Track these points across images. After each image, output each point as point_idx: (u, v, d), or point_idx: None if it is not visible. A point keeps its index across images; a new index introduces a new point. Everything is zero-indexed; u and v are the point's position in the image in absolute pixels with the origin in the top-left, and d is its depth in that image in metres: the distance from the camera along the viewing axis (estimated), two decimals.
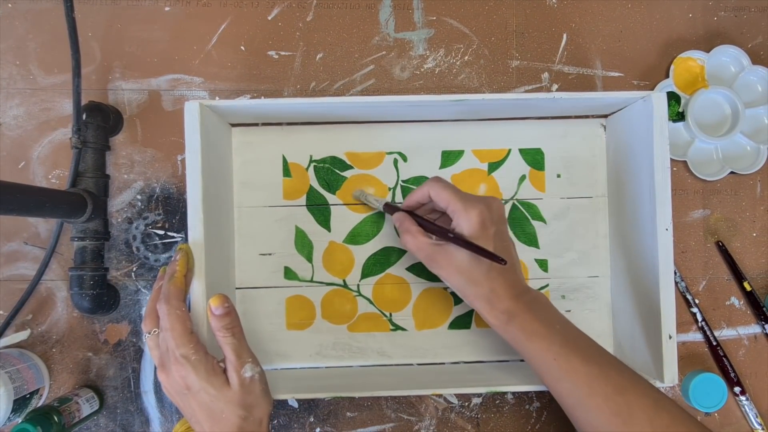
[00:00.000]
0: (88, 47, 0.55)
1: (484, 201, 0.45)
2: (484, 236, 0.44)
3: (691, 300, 0.56)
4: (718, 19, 0.58)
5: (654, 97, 0.47)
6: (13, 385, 0.48)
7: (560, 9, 0.58)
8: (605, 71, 0.57)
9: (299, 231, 0.55)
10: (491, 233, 0.44)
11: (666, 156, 0.47)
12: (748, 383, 0.56)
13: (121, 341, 0.55)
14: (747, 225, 0.57)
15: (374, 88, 0.57)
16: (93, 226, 0.53)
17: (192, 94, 0.56)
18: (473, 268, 0.44)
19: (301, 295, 0.55)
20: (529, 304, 0.44)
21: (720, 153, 0.57)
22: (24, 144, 0.55)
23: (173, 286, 0.43)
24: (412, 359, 0.55)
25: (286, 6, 0.57)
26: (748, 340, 0.57)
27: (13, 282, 0.54)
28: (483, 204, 0.45)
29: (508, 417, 0.56)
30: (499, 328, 0.45)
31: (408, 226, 0.47)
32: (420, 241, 0.46)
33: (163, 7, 0.56)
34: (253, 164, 0.55)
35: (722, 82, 0.57)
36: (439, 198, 0.46)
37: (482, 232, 0.44)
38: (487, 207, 0.45)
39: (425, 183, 0.47)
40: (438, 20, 0.57)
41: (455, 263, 0.44)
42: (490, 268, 0.44)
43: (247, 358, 0.43)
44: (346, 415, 0.55)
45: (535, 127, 0.56)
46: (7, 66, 0.55)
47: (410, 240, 0.46)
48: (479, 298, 0.45)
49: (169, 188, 0.56)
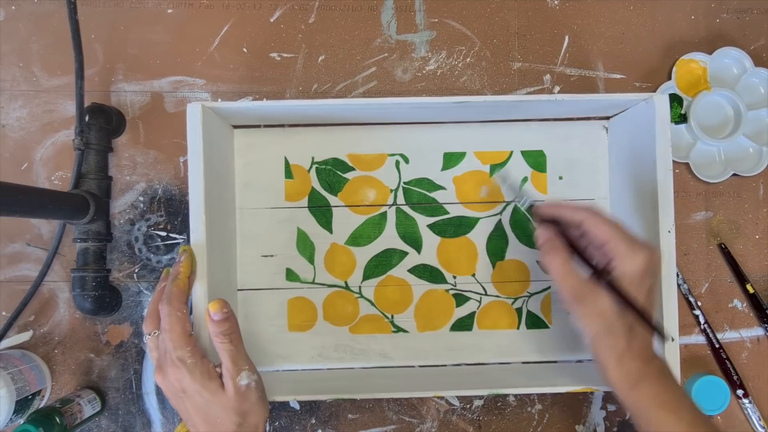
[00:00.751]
0: (91, 49, 0.56)
1: (650, 249, 0.40)
2: (640, 288, 0.40)
3: (694, 302, 0.56)
4: (721, 21, 0.58)
5: (656, 99, 0.47)
6: (15, 386, 0.49)
7: (562, 11, 0.58)
8: (607, 73, 0.57)
9: (301, 232, 0.55)
10: (647, 287, 0.40)
11: (668, 158, 0.47)
12: (751, 386, 0.56)
13: (123, 342, 0.55)
14: (750, 227, 0.57)
15: (376, 90, 0.57)
16: (95, 228, 0.53)
17: (194, 95, 0.56)
18: (617, 317, 0.40)
19: (302, 297, 0.55)
20: (659, 369, 0.41)
21: (722, 155, 0.57)
22: (27, 145, 0.55)
23: (176, 288, 0.43)
24: (414, 361, 0.55)
25: (289, 8, 0.57)
26: (751, 342, 0.57)
27: (15, 283, 0.55)
28: (649, 252, 0.40)
29: (510, 419, 0.56)
30: (623, 389, 0.41)
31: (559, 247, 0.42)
32: (569, 271, 0.41)
33: (166, 9, 0.56)
34: (255, 166, 0.55)
35: (724, 84, 0.57)
36: (598, 231, 0.41)
37: (640, 283, 0.40)
38: (651, 257, 0.40)
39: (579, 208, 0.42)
40: (440, 22, 0.57)
41: (599, 307, 0.40)
42: (635, 323, 0.40)
43: (243, 365, 0.42)
44: (347, 416, 0.55)
45: (537, 129, 0.56)
46: (10, 68, 0.56)
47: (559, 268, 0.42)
48: (610, 351, 0.41)
49: (172, 190, 0.56)
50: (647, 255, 0.40)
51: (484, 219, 0.55)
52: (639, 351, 0.41)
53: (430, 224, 0.55)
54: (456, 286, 0.55)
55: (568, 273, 0.41)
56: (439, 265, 0.55)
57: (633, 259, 0.40)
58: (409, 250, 0.55)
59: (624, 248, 0.40)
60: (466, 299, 0.55)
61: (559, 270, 0.42)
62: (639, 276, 0.40)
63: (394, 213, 0.55)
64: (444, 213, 0.55)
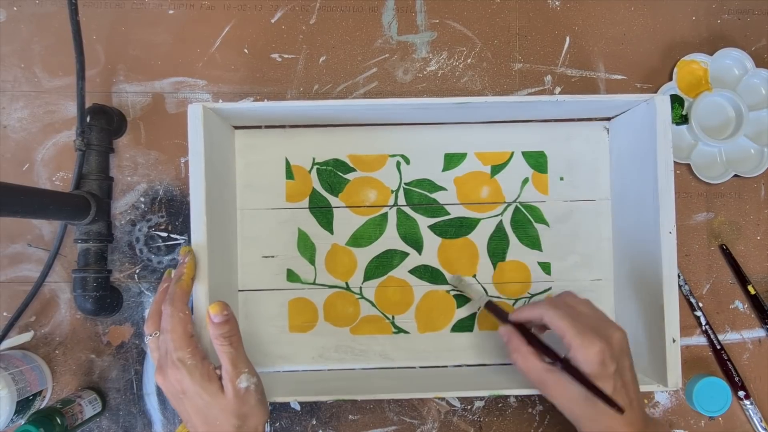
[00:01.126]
0: (92, 50, 0.56)
1: (605, 333, 0.42)
2: (603, 375, 0.41)
3: (695, 303, 0.56)
4: (722, 22, 0.58)
5: (657, 99, 0.47)
6: (16, 387, 0.49)
7: (563, 12, 0.58)
8: (608, 74, 0.57)
9: (302, 233, 0.55)
10: (611, 372, 0.41)
11: (669, 159, 0.47)
12: (753, 387, 0.56)
13: (123, 343, 0.55)
14: (751, 228, 0.57)
15: (377, 91, 0.57)
16: (96, 228, 0.53)
17: (195, 96, 0.56)
18: (590, 402, 0.42)
19: (303, 298, 0.55)
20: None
21: (723, 156, 0.57)
22: (28, 146, 0.55)
23: (179, 289, 0.43)
24: (415, 362, 0.55)
25: (290, 9, 0.57)
26: (753, 343, 0.57)
27: (16, 283, 0.55)
28: (603, 341, 0.42)
29: (511, 420, 0.56)
30: None
31: (517, 345, 0.45)
32: (531, 364, 0.44)
33: (167, 10, 0.56)
34: (255, 166, 0.55)
35: (726, 85, 0.57)
36: (554, 326, 0.43)
37: (601, 371, 0.41)
38: (608, 343, 0.42)
39: (538, 305, 0.45)
40: (441, 23, 0.57)
41: (569, 394, 0.42)
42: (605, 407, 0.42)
43: (243, 368, 0.42)
44: (348, 417, 0.55)
45: (538, 130, 0.56)
46: (12, 69, 0.56)
47: (520, 360, 0.45)
48: None
49: (173, 190, 0.56)
50: (601, 345, 0.41)
51: (485, 220, 0.55)
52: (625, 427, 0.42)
53: (431, 225, 0.55)
54: (457, 287, 0.55)
55: (530, 365, 0.44)
56: (440, 266, 0.55)
57: (587, 350, 0.41)
58: (410, 251, 0.55)
59: (578, 341, 0.42)
60: (467, 300, 0.55)
61: (521, 362, 0.45)
62: (597, 364, 0.41)
63: (395, 214, 0.55)
64: (445, 214, 0.55)
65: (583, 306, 0.46)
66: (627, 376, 0.43)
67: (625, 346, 0.43)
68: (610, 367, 0.41)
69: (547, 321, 0.44)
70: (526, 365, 0.45)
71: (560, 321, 0.43)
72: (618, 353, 0.42)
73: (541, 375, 0.44)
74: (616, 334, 0.43)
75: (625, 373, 0.43)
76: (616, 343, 0.43)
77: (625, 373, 0.43)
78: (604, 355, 0.41)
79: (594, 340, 0.42)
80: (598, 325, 0.44)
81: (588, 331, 0.42)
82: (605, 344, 0.42)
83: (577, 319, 0.43)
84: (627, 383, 0.43)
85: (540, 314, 0.45)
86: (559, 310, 0.44)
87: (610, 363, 0.41)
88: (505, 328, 0.47)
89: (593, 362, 0.41)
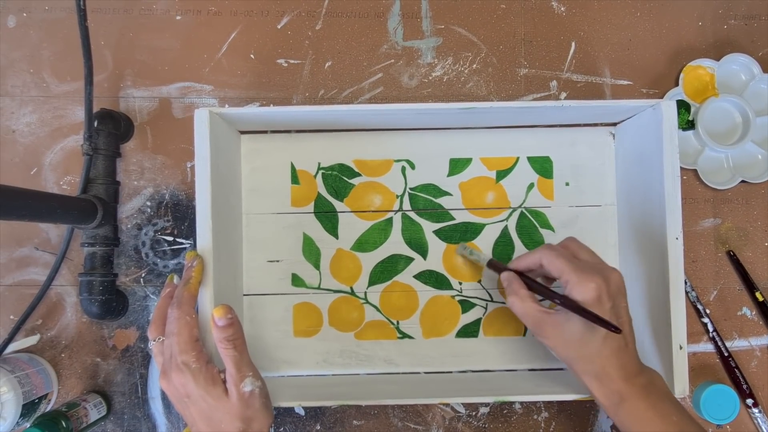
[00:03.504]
0: (101, 55, 0.56)
1: (602, 273, 0.43)
2: (599, 310, 0.41)
3: (702, 310, 0.56)
4: (728, 28, 0.58)
5: (663, 105, 0.47)
6: (21, 390, 0.49)
7: (569, 17, 0.58)
8: (614, 79, 0.57)
9: (307, 238, 0.55)
10: (607, 308, 0.42)
11: (676, 164, 0.47)
12: (761, 395, 0.55)
13: (129, 347, 0.55)
14: (759, 234, 0.57)
15: (382, 96, 0.57)
16: (103, 232, 0.53)
17: (202, 101, 0.57)
18: (584, 342, 0.42)
19: (308, 302, 0.55)
20: (643, 388, 0.42)
21: (731, 161, 0.56)
22: (36, 150, 0.56)
23: (187, 292, 0.43)
24: (420, 367, 0.55)
25: (296, 15, 0.57)
26: (761, 351, 0.56)
27: (23, 287, 0.55)
28: (600, 276, 0.42)
29: (516, 427, 0.55)
30: (609, 409, 0.43)
31: (516, 288, 0.45)
32: (528, 306, 0.44)
33: (175, 16, 0.57)
34: (261, 171, 0.55)
35: (732, 91, 0.56)
36: (552, 267, 0.44)
37: (598, 307, 0.41)
38: (605, 280, 0.42)
39: (537, 250, 0.46)
40: (446, 29, 0.57)
41: (565, 335, 0.43)
42: (603, 345, 0.42)
43: (247, 371, 0.42)
44: (352, 423, 0.55)
45: (543, 135, 0.56)
46: (21, 74, 0.56)
47: (517, 303, 0.45)
48: (588, 375, 0.43)
49: (179, 195, 0.56)
50: (598, 282, 0.42)
51: (490, 225, 0.55)
52: (616, 371, 0.42)
53: (436, 230, 0.55)
54: (462, 292, 0.55)
55: (527, 307, 0.44)
56: (445, 271, 0.55)
57: (584, 287, 0.42)
58: (415, 256, 0.55)
59: (575, 278, 0.42)
60: (472, 305, 0.55)
61: (518, 305, 0.45)
62: (593, 300, 0.42)
63: (400, 219, 0.55)
64: (450, 219, 0.55)
65: (584, 252, 0.46)
66: (623, 316, 0.43)
67: (622, 286, 0.44)
68: (607, 303, 0.42)
69: (545, 263, 0.44)
70: (523, 308, 0.44)
71: (557, 260, 0.43)
72: (615, 291, 0.43)
73: (538, 317, 0.44)
74: (614, 274, 0.43)
75: (621, 312, 0.43)
76: (613, 282, 0.43)
77: (621, 312, 0.43)
78: (601, 291, 0.42)
79: (591, 276, 0.42)
80: (596, 265, 0.44)
81: (585, 269, 0.43)
82: (602, 281, 0.42)
83: (574, 259, 0.44)
84: (623, 323, 0.43)
85: (538, 257, 0.45)
86: (555, 251, 0.44)
87: (606, 300, 0.42)
88: (505, 273, 0.47)
89: (590, 297, 0.41)
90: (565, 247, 0.47)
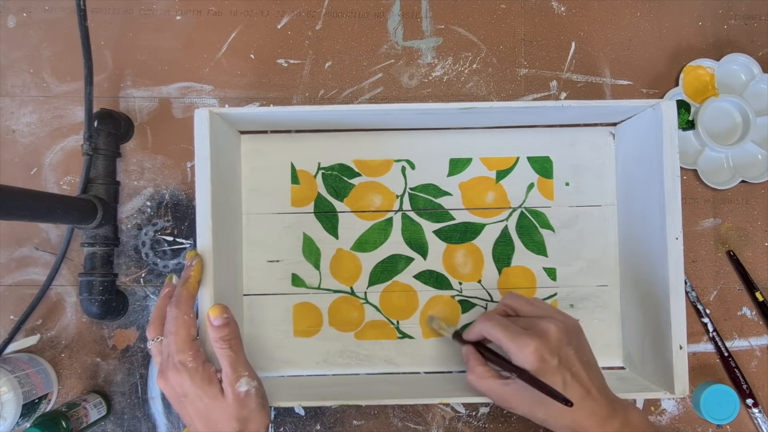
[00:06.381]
0: (101, 55, 0.56)
1: (538, 332, 0.42)
2: (547, 371, 0.41)
3: (702, 310, 0.56)
4: (728, 28, 0.58)
5: (663, 105, 0.47)
6: (21, 390, 0.49)
7: (569, 17, 0.58)
8: (614, 79, 0.57)
9: (307, 238, 0.55)
10: (554, 365, 0.41)
11: (676, 164, 0.47)
12: (761, 395, 0.55)
13: (129, 347, 0.55)
14: (759, 234, 0.57)
15: (382, 96, 0.57)
16: (103, 232, 0.53)
17: (202, 101, 0.57)
18: (549, 402, 0.41)
19: (308, 302, 0.55)
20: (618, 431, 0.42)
21: (731, 161, 0.56)
22: (36, 150, 0.56)
23: (186, 291, 0.43)
24: (420, 367, 0.55)
25: (296, 15, 0.57)
26: (761, 351, 0.56)
27: (23, 287, 0.55)
28: (535, 336, 0.42)
29: (516, 427, 0.55)
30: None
31: (473, 365, 0.45)
32: (486, 383, 0.44)
33: (175, 16, 0.57)
34: (261, 171, 0.55)
35: (732, 91, 0.56)
36: (492, 338, 0.44)
37: (543, 367, 0.41)
38: (541, 336, 0.42)
39: (477, 321, 0.45)
40: (446, 29, 0.57)
41: (529, 401, 0.42)
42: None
43: (243, 371, 0.42)
44: (352, 423, 0.55)
45: (543, 135, 0.56)
46: (21, 74, 0.56)
47: (474, 381, 0.45)
48: (565, 430, 0.42)
49: (179, 195, 0.56)
50: (535, 343, 0.41)
51: (490, 225, 0.55)
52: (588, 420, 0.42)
53: (436, 230, 0.55)
54: (462, 292, 0.55)
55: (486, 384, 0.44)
56: (445, 271, 0.55)
57: (522, 353, 0.42)
58: (415, 256, 0.55)
59: (513, 346, 0.42)
60: (472, 305, 0.55)
61: (476, 383, 0.45)
62: (536, 363, 0.41)
63: (400, 219, 0.55)
64: (450, 219, 0.55)
65: (523, 305, 0.46)
66: (575, 366, 0.42)
67: (563, 336, 0.42)
68: (551, 361, 0.41)
69: (486, 336, 0.44)
70: (481, 385, 0.45)
71: (493, 331, 0.43)
72: (556, 346, 0.42)
73: (498, 391, 0.44)
74: (551, 328, 0.42)
75: (572, 364, 0.42)
76: (552, 335, 0.42)
77: (573, 364, 0.42)
78: (541, 351, 0.41)
79: (526, 340, 0.41)
80: (532, 323, 0.43)
81: (519, 333, 0.42)
82: (539, 341, 0.41)
83: (510, 325, 0.43)
84: (577, 373, 0.42)
85: (479, 331, 0.45)
86: (491, 320, 0.44)
87: (549, 357, 0.41)
88: (464, 348, 0.48)
89: (532, 362, 0.41)
90: (506, 306, 0.47)
